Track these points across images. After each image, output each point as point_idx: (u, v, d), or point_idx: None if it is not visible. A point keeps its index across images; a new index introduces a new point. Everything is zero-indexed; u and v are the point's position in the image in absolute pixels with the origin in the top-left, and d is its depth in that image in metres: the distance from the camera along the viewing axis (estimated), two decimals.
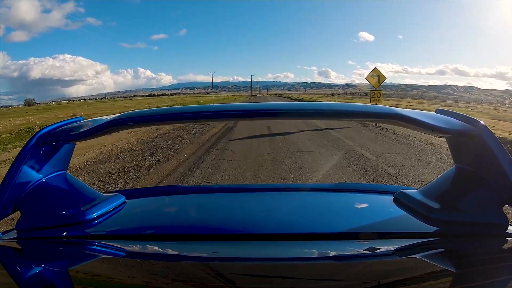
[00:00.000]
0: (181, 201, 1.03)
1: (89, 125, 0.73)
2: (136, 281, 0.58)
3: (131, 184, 4.23)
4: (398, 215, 0.78)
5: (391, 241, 0.68)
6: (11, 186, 0.70)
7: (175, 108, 0.76)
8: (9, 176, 0.71)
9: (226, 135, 8.55)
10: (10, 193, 0.70)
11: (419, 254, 0.65)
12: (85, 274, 0.62)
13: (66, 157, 0.82)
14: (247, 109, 0.71)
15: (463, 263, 0.63)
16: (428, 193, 0.77)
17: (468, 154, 0.74)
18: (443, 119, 0.71)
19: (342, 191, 1.08)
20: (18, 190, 0.71)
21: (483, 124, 0.69)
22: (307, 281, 0.58)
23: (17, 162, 0.72)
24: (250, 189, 1.21)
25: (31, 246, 0.70)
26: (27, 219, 0.71)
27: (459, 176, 0.76)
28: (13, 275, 0.60)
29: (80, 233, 0.71)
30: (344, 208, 0.90)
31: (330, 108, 0.73)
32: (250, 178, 4.30)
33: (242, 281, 0.58)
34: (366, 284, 0.57)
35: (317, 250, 0.67)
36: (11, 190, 0.70)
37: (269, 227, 0.74)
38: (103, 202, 0.79)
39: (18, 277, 0.59)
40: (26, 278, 0.58)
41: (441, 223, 0.69)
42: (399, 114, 0.68)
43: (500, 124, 11.73)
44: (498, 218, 0.67)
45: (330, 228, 0.73)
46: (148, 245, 0.69)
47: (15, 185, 0.71)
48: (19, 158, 0.72)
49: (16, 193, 0.71)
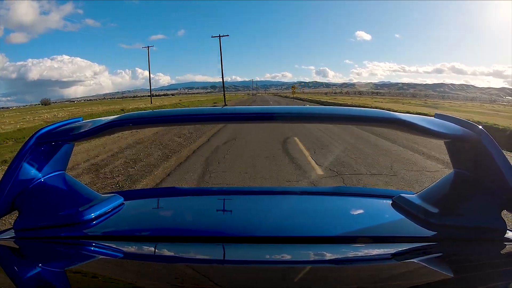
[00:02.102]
0: (179, 203, 1.04)
1: (88, 126, 0.74)
2: (133, 282, 0.59)
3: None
4: (397, 219, 0.79)
5: (389, 245, 0.68)
6: (10, 185, 0.71)
7: (174, 111, 0.77)
8: (8, 175, 0.71)
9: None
10: (9, 192, 0.71)
11: (418, 259, 0.65)
12: (82, 274, 0.62)
13: (65, 157, 0.83)
14: (245, 113, 0.75)
15: (462, 268, 0.63)
16: (427, 197, 0.78)
17: (467, 158, 0.75)
18: (441, 124, 0.72)
19: (340, 195, 1.10)
20: (16, 189, 0.72)
21: (481, 128, 0.70)
22: (304, 285, 0.57)
23: (16, 161, 0.72)
24: (248, 192, 1.23)
25: (29, 245, 0.70)
26: (25, 219, 0.71)
27: (458, 181, 0.77)
28: (10, 275, 0.60)
29: (78, 234, 0.71)
30: (342, 212, 0.91)
31: (327, 112, 0.75)
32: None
33: (239, 283, 0.58)
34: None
35: (315, 254, 0.67)
36: (9, 189, 0.71)
37: (267, 230, 0.74)
38: (101, 202, 0.79)
39: (15, 277, 0.59)
40: (23, 278, 0.58)
41: (439, 228, 0.69)
42: (398, 119, 0.68)
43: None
44: (497, 222, 0.67)
45: (328, 232, 0.73)
46: (146, 247, 0.70)
47: (13, 184, 0.71)
48: (18, 157, 0.72)
49: (15, 192, 0.71)
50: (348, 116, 0.72)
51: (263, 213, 0.90)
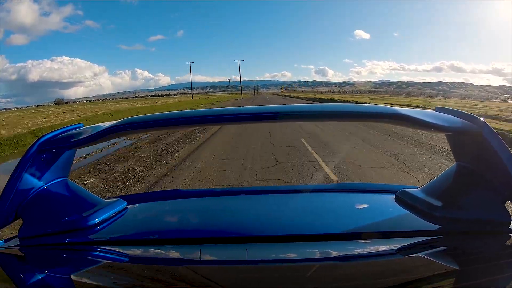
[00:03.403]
0: (183, 205, 1.04)
1: (89, 132, 0.75)
2: (139, 286, 0.59)
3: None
4: (401, 214, 0.79)
5: (394, 240, 0.68)
6: (13, 193, 0.71)
7: (175, 113, 0.77)
8: (11, 184, 0.71)
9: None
10: (12, 200, 0.71)
11: (423, 253, 0.65)
12: (88, 280, 0.62)
13: (67, 163, 0.83)
14: (246, 113, 0.75)
15: (467, 261, 0.63)
16: (430, 191, 0.78)
17: (469, 151, 0.75)
18: (443, 117, 0.72)
19: (344, 191, 1.10)
20: (20, 198, 0.72)
21: (483, 121, 0.70)
22: (311, 282, 0.58)
23: (19, 169, 0.72)
24: (252, 192, 1.23)
25: (34, 253, 0.70)
26: (29, 226, 0.72)
27: (461, 174, 0.77)
28: (16, 283, 0.60)
29: (82, 239, 0.71)
30: (346, 209, 0.91)
31: (329, 110, 0.74)
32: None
33: (246, 284, 0.58)
34: (370, 284, 0.57)
35: (320, 251, 0.67)
36: (13, 197, 0.71)
37: (272, 229, 0.75)
38: (105, 207, 0.79)
39: (21, 284, 0.59)
40: (29, 286, 0.58)
41: (443, 221, 0.69)
42: (399, 114, 0.68)
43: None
44: (501, 215, 0.68)
45: (333, 229, 0.73)
46: (151, 250, 0.70)
47: (16, 192, 0.71)
48: (20, 166, 0.73)
49: (18, 200, 0.72)
50: (349, 113, 0.74)
51: (267, 212, 0.90)
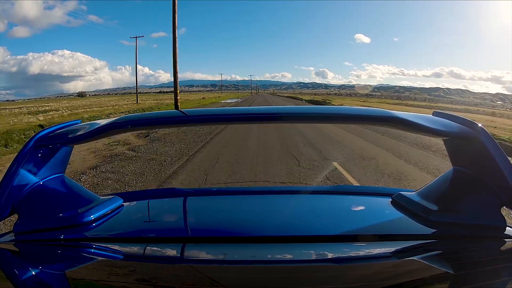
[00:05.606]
0: (179, 203, 1.04)
1: (86, 128, 0.75)
2: (134, 283, 0.59)
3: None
4: (396, 217, 0.79)
5: (389, 243, 0.68)
6: (9, 188, 0.71)
7: (174, 112, 0.77)
8: (7, 179, 0.71)
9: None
10: (8, 195, 0.71)
11: (418, 256, 0.65)
12: (82, 276, 0.62)
13: (64, 160, 0.82)
14: (247, 113, 0.75)
15: (461, 265, 0.63)
16: (426, 195, 0.78)
17: (466, 156, 0.75)
18: (440, 121, 0.72)
19: (340, 194, 1.10)
20: (16, 193, 0.72)
21: (480, 126, 0.70)
22: (306, 283, 0.58)
23: (15, 164, 0.72)
24: (248, 192, 1.24)
25: (29, 248, 0.70)
26: (25, 222, 0.71)
27: (457, 178, 0.77)
28: (11, 278, 0.60)
29: (78, 236, 0.71)
30: (342, 211, 0.91)
31: (327, 112, 0.75)
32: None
33: (241, 283, 0.59)
34: (365, 286, 0.58)
35: (315, 253, 0.67)
36: (9, 192, 0.71)
37: (268, 229, 0.75)
38: (101, 204, 0.79)
39: (15, 279, 0.59)
40: (23, 281, 0.58)
41: (439, 225, 0.69)
42: (397, 118, 0.69)
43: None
44: (496, 219, 0.68)
45: (329, 231, 0.74)
46: (146, 248, 0.70)
47: (13, 187, 0.71)
48: (17, 161, 0.73)
49: (14, 195, 0.72)
50: (348, 116, 0.75)
51: (264, 213, 0.91)
